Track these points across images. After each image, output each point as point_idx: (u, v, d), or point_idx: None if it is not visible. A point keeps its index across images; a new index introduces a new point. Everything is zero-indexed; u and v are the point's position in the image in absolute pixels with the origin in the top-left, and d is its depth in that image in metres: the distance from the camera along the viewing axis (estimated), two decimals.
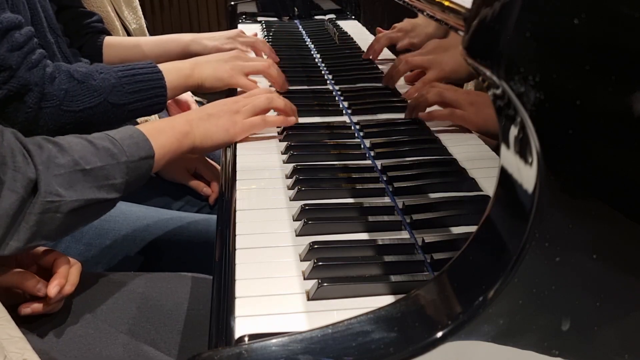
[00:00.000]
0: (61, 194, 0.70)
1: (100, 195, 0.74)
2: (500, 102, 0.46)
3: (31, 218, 0.68)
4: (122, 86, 1.01)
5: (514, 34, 0.43)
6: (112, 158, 0.76)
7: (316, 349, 0.47)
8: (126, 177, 0.77)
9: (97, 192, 0.74)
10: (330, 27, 1.69)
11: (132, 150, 0.78)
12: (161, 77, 1.05)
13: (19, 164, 0.68)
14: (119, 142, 0.78)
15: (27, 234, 0.68)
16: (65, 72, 0.97)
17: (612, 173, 0.46)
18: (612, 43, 0.43)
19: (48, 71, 0.94)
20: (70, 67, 0.99)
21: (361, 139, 0.95)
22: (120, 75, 1.01)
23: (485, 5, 0.46)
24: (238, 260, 0.65)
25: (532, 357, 0.48)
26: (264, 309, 0.57)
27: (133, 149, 0.78)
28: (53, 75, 0.95)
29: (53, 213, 0.70)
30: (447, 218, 0.71)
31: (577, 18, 0.42)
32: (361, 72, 1.29)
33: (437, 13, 0.68)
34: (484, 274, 0.47)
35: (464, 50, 0.47)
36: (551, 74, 0.43)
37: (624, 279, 0.48)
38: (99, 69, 1.01)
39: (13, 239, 0.67)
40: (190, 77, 1.10)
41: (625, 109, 0.44)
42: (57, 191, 0.70)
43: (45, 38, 1.06)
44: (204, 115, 0.91)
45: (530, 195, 0.45)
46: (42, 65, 0.94)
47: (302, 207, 0.73)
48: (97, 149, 0.75)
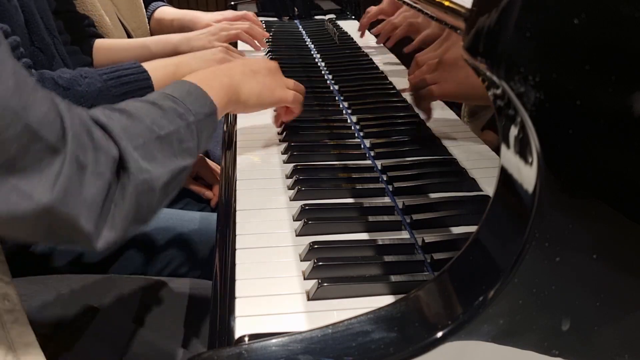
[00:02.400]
0: (149, 170, 0.61)
1: (181, 163, 0.67)
2: (500, 102, 0.46)
3: (125, 202, 0.59)
4: (109, 89, 0.98)
5: (514, 34, 0.43)
6: (181, 119, 0.69)
7: (316, 349, 0.47)
8: (197, 138, 0.70)
9: (178, 160, 0.66)
10: (330, 27, 1.69)
11: (196, 107, 0.71)
12: (147, 77, 1.03)
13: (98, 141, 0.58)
14: (181, 101, 0.71)
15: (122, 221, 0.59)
16: (50, 80, 0.94)
17: (612, 173, 0.46)
18: (612, 43, 0.43)
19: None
20: (55, 74, 0.96)
21: (361, 139, 0.95)
22: (105, 78, 0.99)
23: (486, 5, 0.46)
24: (238, 260, 0.65)
25: (532, 357, 0.48)
26: (264, 309, 0.57)
27: (197, 106, 0.72)
28: None
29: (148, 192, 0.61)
30: (447, 218, 0.71)
31: (577, 18, 0.42)
32: (361, 72, 1.29)
33: (437, 13, 0.68)
34: (484, 274, 0.47)
35: (464, 51, 0.47)
36: (551, 74, 0.43)
37: (624, 279, 0.48)
38: (83, 73, 0.99)
39: (106, 228, 0.57)
40: (177, 73, 1.07)
41: (625, 109, 0.44)
42: (145, 167, 0.61)
43: (42, 41, 1.04)
44: (247, 71, 0.88)
45: (530, 195, 0.45)
46: None
47: (302, 207, 0.73)
48: (164, 111, 0.68)
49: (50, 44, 1.06)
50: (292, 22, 1.92)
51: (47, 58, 1.03)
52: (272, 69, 0.93)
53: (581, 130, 0.44)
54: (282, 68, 1.21)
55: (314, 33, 1.70)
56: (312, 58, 1.44)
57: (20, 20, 0.98)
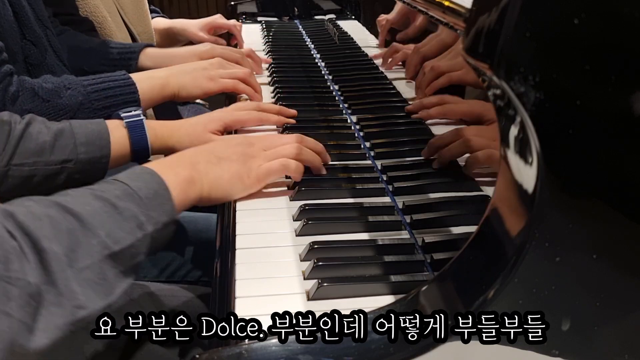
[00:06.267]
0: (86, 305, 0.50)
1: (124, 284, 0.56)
2: (500, 102, 0.46)
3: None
4: (91, 102, 0.94)
5: (514, 34, 0.43)
6: (140, 229, 0.58)
7: (316, 349, 0.47)
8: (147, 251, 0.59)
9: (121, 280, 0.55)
10: (330, 27, 1.69)
11: (158, 215, 0.60)
12: (134, 91, 0.98)
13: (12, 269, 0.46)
14: (145, 204, 0.59)
15: None
16: (29, 91, 0.90)
17: (612, 173, 0.46)
18: (612, 43, 0.43)
19: (11, 90, 0.88)
20: (36, 84, 0.92)
21: (361, 139, 0.95)
22: (89, 90, 0.95)
23: (486, 5, 0.46)
24: (238, 260, 0.65)
25: (532, 357, 0.48)
26: (264, 309, 0.57)
27: (159, 212, 0.60)
28: (15, 95, 0.89)
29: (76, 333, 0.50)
30: (447, 218, 0.71)
31: (577, 18, 0.42)
32: (361, 72, 1.29)
33: (437, 13, 0.68)
34: (484, 274, 0.47)
35: (464, 51, 0.47)
36: (551, 74, 0.43)
37: (624, 279, 0.48)
38: (67, 83, 0.94)
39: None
40: (167, 86, 1.04)
41: (624, 108, 0.44)
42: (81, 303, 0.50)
43: (34, 33, 1.01)
44: (212, 158, 0.74)
45: (530, 195, 0.45)
46: (4, 84, 0.88)
47: (302, 207, 0.73)
48: (123, 217, 0.57)
49: (42, 36, 1.03)
50: (292, 22, 1.92)
51: (39, 51, 1.01)
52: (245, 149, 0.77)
53: (581, 130, 0.44)
54: (282, 68, 1.21)
55: (314, 33, 1.70)
56: (312, 58, 1.44)
57: (8, 15, 0.96)
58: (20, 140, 0.76)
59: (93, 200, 0.57)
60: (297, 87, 1.20)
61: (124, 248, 0.55)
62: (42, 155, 0.78)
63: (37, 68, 1.00)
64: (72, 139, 0.80)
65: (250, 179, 0.75)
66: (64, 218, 0.53)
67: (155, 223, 0.59)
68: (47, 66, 1.02)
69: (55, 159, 0.79)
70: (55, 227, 0.51)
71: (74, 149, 0.80)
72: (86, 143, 0.81)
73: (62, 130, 0.80)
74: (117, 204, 0.57)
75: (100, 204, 0.57)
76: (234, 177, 0.74)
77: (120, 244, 0.55)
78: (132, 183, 0.61)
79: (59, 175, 0.79)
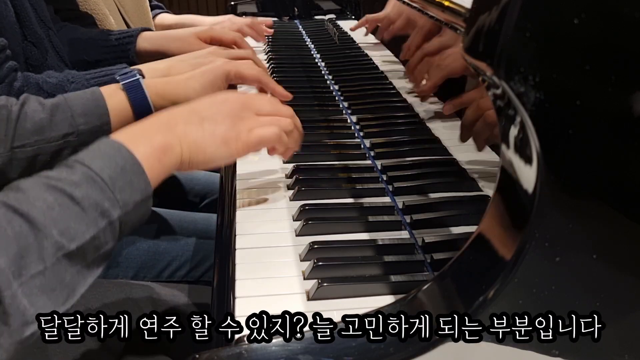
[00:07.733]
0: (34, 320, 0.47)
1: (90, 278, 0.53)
2: (500, 102, 0.46)
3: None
4: None
5: (514, 34, 0.43)
6: (103, 217, 0.53)
7: (316, 349, 0.47)
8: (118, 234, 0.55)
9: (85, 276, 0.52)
10: (330, 27, 1.69)
11: (126, 196, 0.55)
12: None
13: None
14: (110, 187, 0.54)
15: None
16: (34, 85, 0.91)
17: (612, 173, 0.46)
18: (612, 43, 0.43)
19: (16, 85, 0.89)
20: (40, 79, 0.92)
21: (361, 139, 0.95)
22: (92, 83, 0.94)
23: (486, 5, 0.46)
24: (238, 260, 0.65)
25: (532, 357, 0.48)
26: (264, 309, 0.57)
27: (127, 193, 0.55)
28: (21, 90, 0.89)
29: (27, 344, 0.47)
30: (447, 218, 0.71)
31: (577, 18, 0.42)
32: (361, 72, 1.29)
33: (437, 13, 0.68)
34: (484, 274, 0.47)
35: (464, 51, 0.47)
36: (551, 74, 0.43)
37: (624, 279, 0.48)
38: (71, 77, 0.95)
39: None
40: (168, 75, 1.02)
41: (625, 108, 0.44)
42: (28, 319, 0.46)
43: (35, 34, 1.02)
44: (193, 118, 0.66)
45: (530, 195, 0.45)
46: (9, 79, 0.88)
47: (302, 207, 0.73)
48: (82, 208, 0.52)
49: (44, 38, 1.04)
50: (292, 22, 1.92)
51: (40, 52, 1.01)
52: (235, 109, 0.70)
53: (581, 130, 0.44)
54: (282, 68, 1.21)
55: (314, 33, 1.70)
56: (312, 58, 1.44)
57: (10, 16, 0.96)
58: (18, 121, 0.75)
59: (46, 193, 0.51)
60: (297, 87, 1.20)
61: (83, 243, 0.51)
62: (41, 133, 0.76)
63: (38, 69, 1.01)
64: (68, 112, 0.78)
65: (237, 144, 0.68)
66: (11, 221, 0.48)
67: (124, 205, 0.54)
68: (48, 67, 1.02)
69: (55, 134, 0.77)
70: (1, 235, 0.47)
71: (73, 122, 0.78)
72: (83, 114, 0.79)
73: (57, 105, 0.78)
74: (74, 193, 0.52)
75: (54, 197, 0.51)
76: (218, 140, 0.66)
77: (77, 240, 0.50)
78: (94, 163, 0.54)
79: (64, 151, 0.77)
